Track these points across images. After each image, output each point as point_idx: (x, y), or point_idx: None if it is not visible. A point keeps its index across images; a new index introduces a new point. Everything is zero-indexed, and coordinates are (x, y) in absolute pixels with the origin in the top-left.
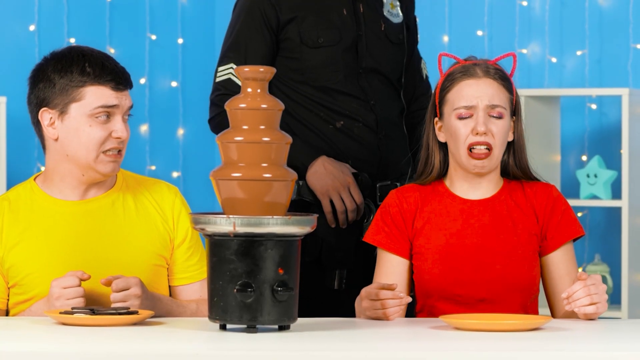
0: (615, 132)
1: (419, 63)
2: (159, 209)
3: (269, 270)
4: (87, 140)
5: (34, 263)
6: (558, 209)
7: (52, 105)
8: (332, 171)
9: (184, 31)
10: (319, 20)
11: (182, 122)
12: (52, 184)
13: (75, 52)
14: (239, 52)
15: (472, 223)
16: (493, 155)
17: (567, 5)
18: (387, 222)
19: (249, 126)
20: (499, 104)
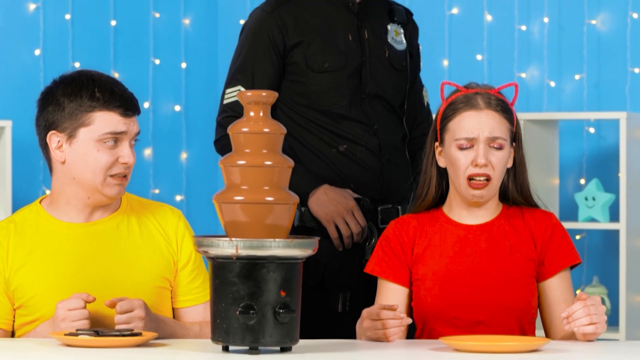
0: (613, 155)
1: (421, 90)
2: (163, 232)
3: (271, 292)
4: (94, 165)
5: (39, 285)
6: (556, 236)
7: (61, 129)
8: (335, 197)
9: (187, 56)
10: (324, 46)
11: (186, 146)
12: (57, 207)
13: (85, 76)
14: (247, 74)
15: (470, 248)
16: (491, 185)
17: (565, 29)
18: (387, 252)
19: (251, 150)
20: (499, 135)
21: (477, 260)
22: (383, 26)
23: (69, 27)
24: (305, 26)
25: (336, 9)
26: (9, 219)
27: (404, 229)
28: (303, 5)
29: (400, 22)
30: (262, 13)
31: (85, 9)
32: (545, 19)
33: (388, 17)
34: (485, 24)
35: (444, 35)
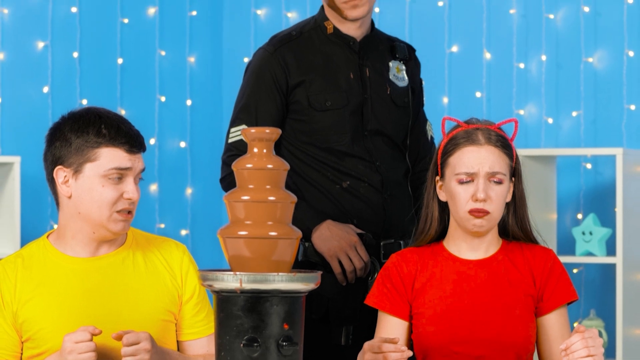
0: (610, 190)
1: (425, 125)
2: (168, 266)
3: (274, 325)
4: (99, 200)
5: (46, 318)
6: (555, 273)
7: (67, 164)
8: (338, 233)
9: (193, 93)
10: (326, 84)
11: (191, 182)
12: (64, 241)
13: (92, 113)
14: (250, 114)
15: (470, 283)
16: (491, 217)
17: (562, 67)
18: (387, 286)
19: (255, 185)
20: (499, 170)
21: (476, 295)
22: (385, 63)
23: (76, 65)
24: (307, 65)
25: (338, 47)
26: (17, 254)
27: (405, 263)
28: (305, 44)
29: (402, 58)
30: (265, 53)
31: (92, 47)
32: (542, 57)
33: (390, 54)
34: (485, 62)
35: (444, 73)
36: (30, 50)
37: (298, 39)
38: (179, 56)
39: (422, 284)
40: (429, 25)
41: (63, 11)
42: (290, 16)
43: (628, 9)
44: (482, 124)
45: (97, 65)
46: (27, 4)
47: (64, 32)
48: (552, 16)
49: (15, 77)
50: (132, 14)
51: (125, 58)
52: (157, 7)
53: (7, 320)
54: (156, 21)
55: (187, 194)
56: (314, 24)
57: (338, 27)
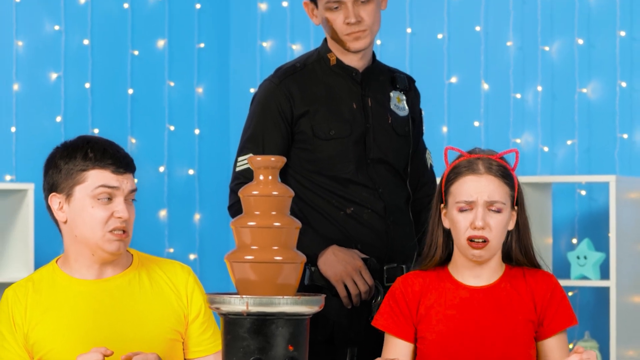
0: (604, 216)
1: (424, 153)
2: (173, 287)
3: (279, 347)
4: (90, 221)
5: (56, 339)
6: (556, 299)
7: (60, 190)
8: (343, 258)
9: (201, 123)
10: (330, 114)
11: (199, 208)
12: (70, 265)
13: (81, 140)
14: (257, 143)
15: (472, 309)
16: (490, 246)
17: (557, 98)
18: (393, 308)
19: (261, 212)
20: (498, 199)
21: (479, 321)
22: (386, 94)
23: (88, 95)
24: (311, 96)
25: (340, 78)
26: (27, 278)
27: (410, 286)
28: (308, 76)
29: (402, 89)
30: (271, 84)
31: (103, 78)
32: (538, 87)
33: (390, 84)
34: (482, 92)
35: (444, 103)
36: (44, 81)
37: (302, 70)
38: (188, 87)
39: (427, 308)
40: (429, 56)
41: (75, 43)
42: (294, 48)
43: (620, 42)
44: (484, 154)
45: (108, 95)
46: (41, 37)
47: (76, 64)
48: (548, 48)
49: (30, 107)
50: (142, 46)
51: (136, 89)
52: (166, 40)
53: (18, 342)
54: (165, 53)
55: (195, 219)
56: (317, 56)
57: (341, 59)
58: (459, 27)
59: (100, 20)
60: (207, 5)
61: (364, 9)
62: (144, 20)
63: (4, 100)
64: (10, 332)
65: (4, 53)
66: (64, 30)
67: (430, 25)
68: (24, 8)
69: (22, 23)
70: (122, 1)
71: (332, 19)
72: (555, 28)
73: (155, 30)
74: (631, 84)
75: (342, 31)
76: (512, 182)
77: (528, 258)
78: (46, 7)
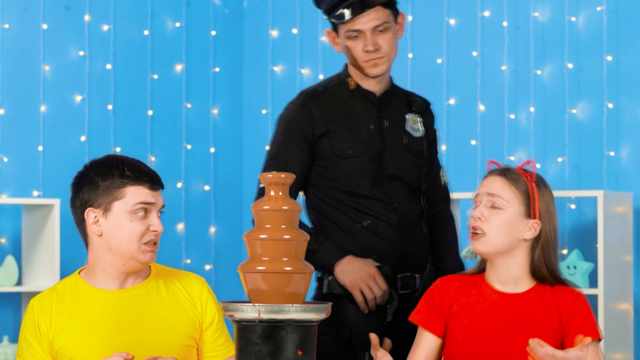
0: (592, 228)
1: (439, 171)
2: (189, 296)
3: (289, 352)
4: (128, 234)
5: (79, 346)
6: (581, 313)
7: (97, 205)
8: (358, 266)
9: (216, 142)
10: (348, 134)
11: (214, 221)
12: (94, 276)
13: (113, 158)
14: (280, 162)
15: (500, 313)
16: (488, 240)
17: (548, 118)
18: (428, 304)
19: (272, 225)
20: (497, 194)
21: (505, 325)
22: (402, 116)
23: (111, 116)
24: (331, 117)
25: (359, 101)
26: (52, 289)
27: (446, 287)
28: (329, 98)
29: (418, 111)
30: (294, 107)
31: (125, 100)
32: (531, 108)
33: (407, 107)
34: (479, 113)
35: (442, 123)
36: (69, 103)
37: (323, 93)
38: (204, 108)
39: (459, 308)
40: (429, 79)
41: (99, 68)
42: (304, 72)
43: (607, 66)
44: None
45: (129, 116)
46: (67, 62)
47: (99, 87)
48: (540, 72)
49: (56, 127)
50: (161, 71)
51: (155, 110)
52: (183, 64)
53: (44, 349)
54: (183, 77)
55: (210, 232)
56: (338, 81)
57: (360, 83)
58: (457, 52)
59: (122, 46)
60: (222, 32)
61: (382, 37)
62: (162, 46)
63: (32, 121)
64: (36, 339)
65: (33, 77)
66: (88, 55)
67: (430, 50)
68: (51, 35)
69: (49, 49)
70: (142, 28)
71: (352, 46)
72: (547, 53)
73: (173, 55)
74: (618, 105)
75: (361, 58)
76: (524, 189)
77: (551, 273)
78: (72, 34)
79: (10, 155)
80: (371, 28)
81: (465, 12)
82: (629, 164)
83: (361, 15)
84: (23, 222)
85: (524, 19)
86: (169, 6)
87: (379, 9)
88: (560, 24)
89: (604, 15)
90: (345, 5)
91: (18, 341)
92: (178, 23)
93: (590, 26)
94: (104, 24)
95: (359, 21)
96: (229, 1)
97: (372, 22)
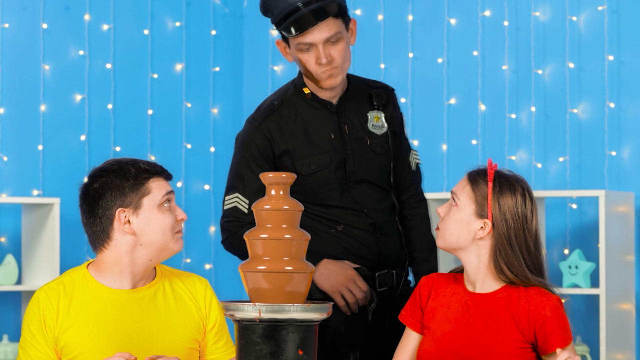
0: (594, 228)
1: (408, 156)
2: (193, 298)
3: (290, 351)
4: (162, 226)
5: (85, 343)
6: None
7: (126, 205)
8: (336, 270)
9: (216, 141)
10: (309, 149)
11: (214, 221)
12: (106, 274)
13: (119, 160)
14: (241, 181)
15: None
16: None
17: (550, 117)
18: (411, 302)
19: (272, 225)
20: (457, 193)
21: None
22: (363, 116)
23: (111, 116)
24: (290, 135)
25: (317, 111)
26: (59, 281)
27: (426, 284)
28: (286, 114)
29: (379, 105)
30: (251, 127)
31: (125, 99)
32: (532, 108)
33: (368, 103)
34: (480, 113)
35: (443, 123)
36: (69, 102)
37: (280, 108)
38: (204, 108)
39: (434, 306)
40: (430, 79)
41: (99, 67)
42: None
43: (609, 65)
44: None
45: (129, 115)
46: (67, 61)
47: (99, 86)
48: (541, 72)
49: (56, 127)
50: (161, 70)
51: (155, 109)
52: (183, 64)
53: (49, 344)
54: (183, 76)
55: (210, 231)
56: (294, 89)
57: (315, 93)
58: (457, 52)
59: (122, 46)
60: (222, 32)
61: (334, 48)
62: (162, 46)
63: (32, 121)
64: (41, 333)
65: (32, 76)
66: (88, 55)
67: (430, 50)
68: (51, 34)
69: (49, 48)
70: (142, 28)
71: (304, 59)
72: (548, 53)
73: (173, 55)
74: (619, 105)
75: (315, 71)
76: (483, 191)
77: (518, 275)
78: (71, 33)
79: (10, 154)
80: (322, 40)
81: (466, 11)
82: (630, 164)
83: (312, 29)
84: (23, 221)
85: (524, 19)
86: (169, 6)
87: (330, 21)
88: (562, 24)
89: (605, 14)
90: (294, 19)
91: (21, 332)
92: (178, 22)
93: (591, 26)
94: (104, 23)
95: (309, 34)
96: (229, 1)
97: (323, 34)
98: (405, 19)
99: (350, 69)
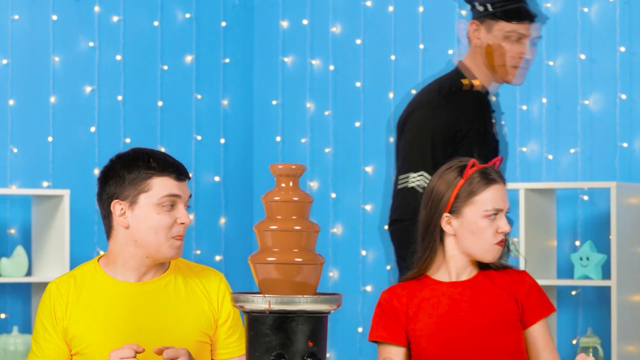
0: (605, 220)
1: None
2: (206, 292)
3: (300, 342)
4: (155, 227)
5: (94, 335)
6: (533, 292)
7: (123, 197)
8: None
9: (226, 132)
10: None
11: (224, 212)
12: (114, 267)
13: (139, 151)
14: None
15: (457, 301)
16: None
17: (561, 109)
18: (382, 318)
19: (282, 216)
20: None
21: (465, 311)
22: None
23: (120, 107)
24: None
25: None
26: (70, 274)
27: (396, 297)
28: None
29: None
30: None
31: (135, 91)
32: (543, 99)
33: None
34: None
35: None
36: (79, 94)
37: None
38: (214, 99)
39: (415, 311)
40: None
41: (109, 59)
42: (314, 63)
43: (620, 57)
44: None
45: (139, 107)
46: (77, 53)
47: (109, 78)
48: (552, 63)
49: (66, 118)
50: (171, 62)
51: (165, 101)
52: (193, 55)
53: (59, 335)
54: (193, 68)
55: (220, 223)
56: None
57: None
58: None
59: (131, 37)
60: (232, 23)
61: (533, 49)
62: (172, 37)
63: (41, 112)
64: (51, 324)
65: (42, 68)
66: (98, 46)
67: (441, 41)
68: (61, 26)
69: (59, 40)
70: (152, 19)
71: (507, 48)
72: (559, 44)
73: (183, 46)
74: (630, 96)
75: (512, 62)
76: None
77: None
78: (81, 24)
79: (20, 146)
80: (532, 37)
81: None
82: None
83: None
84: (33, 213)
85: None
86: None
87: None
88: (573, 15)
89: (616, 5)
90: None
91: (34, 324)
92: (188, 14)
93: (602, 17)
94: (113, 14)
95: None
96: None
97: (535, 32)
98: (416, 10)
99: (360, 61)
